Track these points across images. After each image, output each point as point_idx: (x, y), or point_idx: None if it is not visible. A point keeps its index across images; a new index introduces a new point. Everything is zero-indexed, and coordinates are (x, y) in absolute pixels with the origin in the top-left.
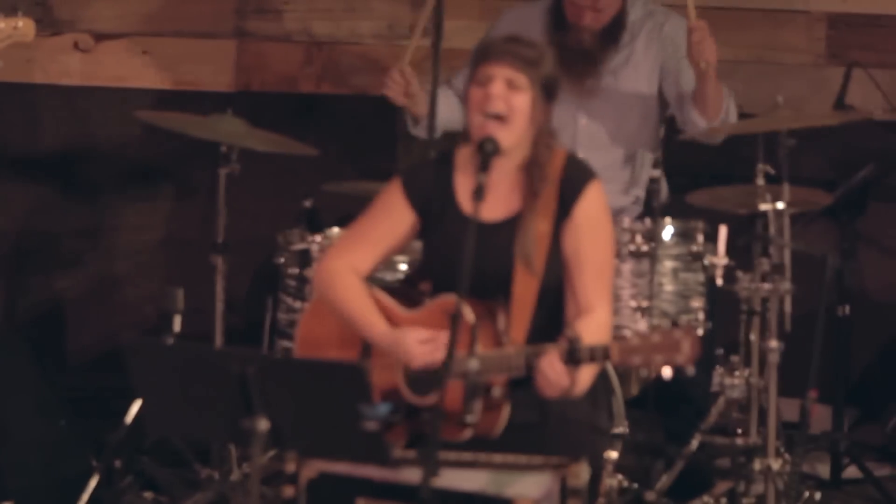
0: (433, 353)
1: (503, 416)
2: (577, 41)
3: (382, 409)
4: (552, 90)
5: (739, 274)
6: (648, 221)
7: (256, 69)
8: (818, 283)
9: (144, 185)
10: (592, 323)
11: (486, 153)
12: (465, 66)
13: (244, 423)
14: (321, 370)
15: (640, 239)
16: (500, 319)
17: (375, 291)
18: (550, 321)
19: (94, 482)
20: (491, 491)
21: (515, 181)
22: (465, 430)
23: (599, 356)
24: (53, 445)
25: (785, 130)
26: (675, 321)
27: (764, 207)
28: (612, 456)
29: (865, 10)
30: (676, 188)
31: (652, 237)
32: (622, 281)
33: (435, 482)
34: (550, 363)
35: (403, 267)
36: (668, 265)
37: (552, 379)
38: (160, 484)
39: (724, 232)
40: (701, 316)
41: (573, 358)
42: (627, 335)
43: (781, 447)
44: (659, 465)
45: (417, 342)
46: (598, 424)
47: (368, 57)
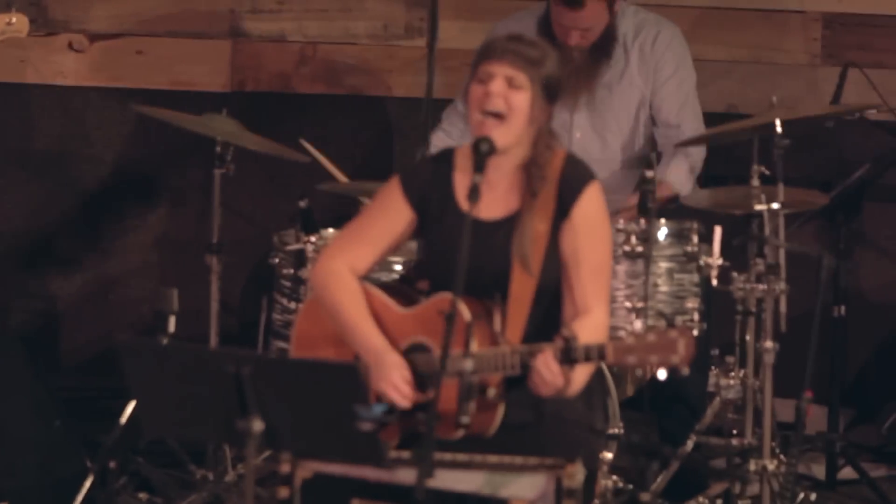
0: (405, 399)
1: (498, 416)
2: (567, 60)
3: (378, 409)
4: (553, 91)
5: (735, 275)
6: (643, 222)
7: (251, 69)
8: (813, 283)
9: (139, 185)
10: (589, 324)
11: (480, 153)
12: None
13: (239, 423)
14: (316, 370)
15: (634, 240)
16: (496, 318)
17: (373, 288)
18: (547, 321)
19: (88, 483)
20: (486, 492)
21: (514, 180)
22: (458, 429)
23: (595, 356)
24: (48, 446)
25: (779, 123)
26: (670, 322)
27: (759, 208)
28: (607, 457)
29: (861, 10)
30: None
31: (647, 238)
32: (617, 282)
33: (430, 483)
34: (546, 362)
35: (398, 267)
36: (663, 266)
37: (547, 378)
38: (155, 485)
39: (719, 232)
40: (696, 317)
41: (568, 357)
42: (623, 335)
43: (777, 448)
44: (654, 465)
45: (401, 378)
46: (593, 425)
47: (363, 57)
